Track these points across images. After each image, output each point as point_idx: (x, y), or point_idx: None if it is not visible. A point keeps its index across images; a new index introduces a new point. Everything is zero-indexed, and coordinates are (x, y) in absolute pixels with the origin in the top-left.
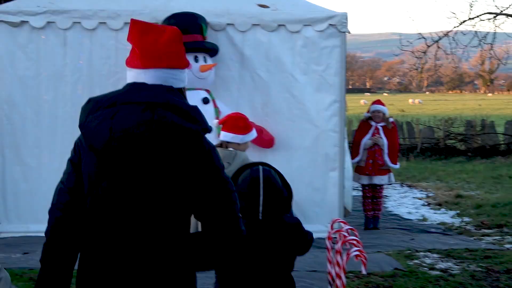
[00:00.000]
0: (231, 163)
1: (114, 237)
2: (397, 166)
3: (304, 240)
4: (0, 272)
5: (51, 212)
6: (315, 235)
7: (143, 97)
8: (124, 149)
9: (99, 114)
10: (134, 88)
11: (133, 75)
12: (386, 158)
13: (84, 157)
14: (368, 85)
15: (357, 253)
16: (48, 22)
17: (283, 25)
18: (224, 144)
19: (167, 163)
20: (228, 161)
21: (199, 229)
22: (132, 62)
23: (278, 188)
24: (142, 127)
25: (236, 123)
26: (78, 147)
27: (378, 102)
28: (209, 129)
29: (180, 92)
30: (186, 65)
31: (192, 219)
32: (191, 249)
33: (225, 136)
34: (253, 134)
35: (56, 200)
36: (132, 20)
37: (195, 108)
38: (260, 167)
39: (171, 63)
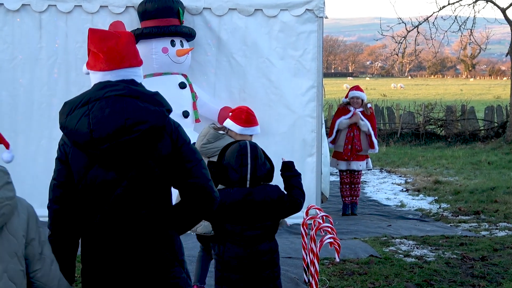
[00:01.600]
0: (212, 142)
1: (106, 217)
2: (376, 150)
3: (286, 207)
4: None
5: (49, 207)
6: (291, 221)
7: (111, 91)
8: (104, 139)
9: (76, 113)
10: (102, 86)
11: (98, 77)
12: (374, 140)
13: (70, 154)
14: (350, 69)
15: (331, 240)
16: (23, 5)
17: (260, 9)
18: (225, 130)
19: (143, 142)
20: (209, 139)
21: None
22: (96, 66)
23: (263, 160)
24: (115, 116)
25: (240, 115)
26: (63, 146)
27: (356, 88)
28: (171, 109)
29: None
30: (141, 62)
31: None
32: (173, 216)
33: (226, 122)
34: (255, 130)
35: (52, 195)
36: (90, 29)
37: (157, 93)
38: (248, 141)
39: (131, 63)
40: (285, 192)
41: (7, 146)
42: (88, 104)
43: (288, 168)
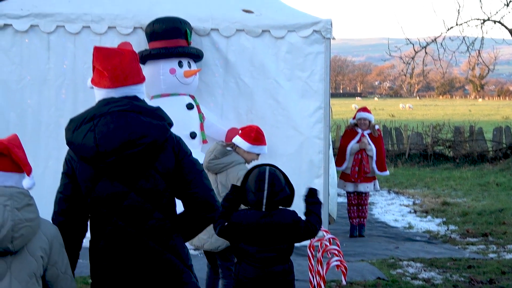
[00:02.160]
0: (219, 158)
1: (115, 228)
2: (387, 173)
3: (301, 232)
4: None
5: (54, 219)
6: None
7: (115, 107)
8: (109, 152)
9: (82, 129)
10: (106, 102)
11: (103, 94)
12: (374, 166)
13: (77, 168)
14: (359, 90)
15: (338, 263)
16: (32, 26)
17: (268, 30)
18: (234, 146)
19: (147, 155)
20: (216, 154)
21: None
22: (100, 83)
23: (282, 186)
24: (120, 131)
25: (250, 132)
26: (69, 161)
27: (364, 109)
28: (172, 123)
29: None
30: (144, 79)
31: None
32: (178, 225)
33: (235, 139)
34: (262, 149)
35: (58, 208)
36: (95, 47)
37: (159, 108)
38: (267, 167)
39: (134, 80)
40: (301, 218)
41: (28, 172)
42: (93, 120)
43: (312, 195)
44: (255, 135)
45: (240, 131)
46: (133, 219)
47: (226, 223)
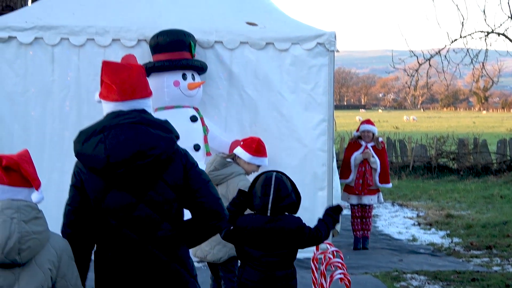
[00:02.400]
0: (219, 169)
1: (125, 239)
2: (390, 185)
3: (304, 238)
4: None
5: (63, 231)
6: (302, 255)
7: (125, 119)
8: (120, 163)
9: (92, 141)
10: (115, 115)
11: (111, 107)
12: (377, 178)
13: (86, 180)
14: (363, 101)
15: (341, 276)
16: (36, 38)
17: (272, 43)
18: (234, 157)
19: (157, 166)
20: (216, 166)
21: None
22: (109, 97)
23: (288, 192)
24: (130, 142)
25: (251, 143)
26: (78, 173)
27: (367, 121)
28: (178, 136)
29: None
30: (151, 93)
31: None
32: (185, 233)
33: (236, 150)
34: (263, 161)
35: (66, 220)
36: (103, 61)
37: (166, 121)
38: (274, 173)
39: (142, 94)
40: (306, 225)
41: (37, 186)
42: (103, 132)
43: (335, 211)
44: (256, 147)
45: (242, 142)
46: (142, 230)
47: (231, 227)
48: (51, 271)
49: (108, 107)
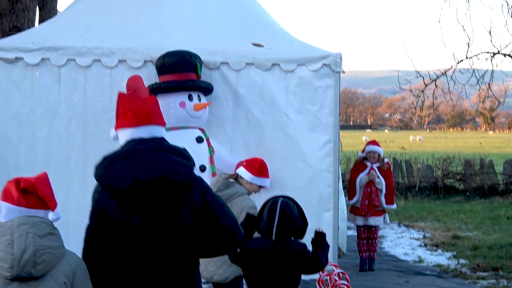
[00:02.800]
0: (222, 190)
1: (147, 263)
2: (394, 206)
3: (307, 263)
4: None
5: (84, 256)
6: (307, 277)
7: (148, 146)
8: (145, 188)
9: (118, 166)
10: (137, 142)
11: (128, 133)
12: (382, 199)
13: (107, 204)
14: (369, 122)
15: None
16: (43, 59)
17: (277, 64)
18: (237, 177)
19: (179, 191)
20: (219, 186)
21: None
22: (124, 123)
23: (293, 217)
24: (155, 167)
25: (254, 164)
26: (99, 198)
27: (373, 142)
28: (195, 164)
29: None
30: (165, 124)
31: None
32: (200, 249)
33: (239, 170)
34: (265, 182)
35: (87, 244)
36: (119, 93)
37: (185, 149)
38: (280, 198)
39: (157, 121)
40: (310, 251)
41: (53, 207)
42: (129, 157)
43: (319, 238)
44: (258, 167)
45: (244, 163)
46: (162, 253)
47: (238, 250)
48: (66, 285)
49: (125, 134)
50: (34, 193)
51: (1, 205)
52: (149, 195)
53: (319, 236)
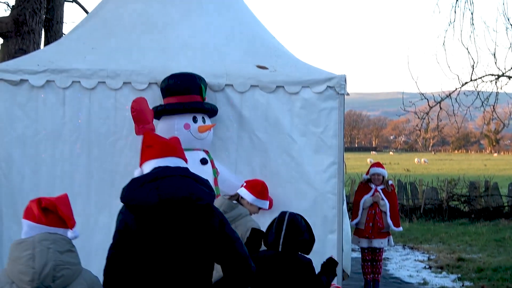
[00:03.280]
0: (228, 212)
1: (160, 283)
2: (400, 229)
3: (312, 280)
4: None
5: (105, 274)
6: None
7: (175, 172)
8: (171, 208)
9: (146, 186)
10: (164, 168)
11: (154, 163)
12: (389, 221)
13: (132, 225)
14: (374, 144)
15: None
16: (48, 81)
17: (282, 86)
18: (238, 198)
19: (200, 215)
20: (225, 209)
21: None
22: (150, 156)
23: (300, 230)
24: (181, 190)
25: (256, 186)
26: (123, 219)
27: (377, 164)
28: (215, 196)
29: None
30: (187, 161)
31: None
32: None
33: (241, 191)
34: (265, 204)
35: (109, 262)
36: (145, 132)
37: (208, 181)
38: (289, 212)
39: (181, 156)
40: (315, 268)
41: (72, 226)
42: (156, 180)
43: (331, 264)
44: (260, 189)
45: (244, 183)
46: (180, 276)
47: None
48: None
49: (151, 164)
50: (54, 212)
51: (23, 223)
52: (172, 214)
53: (331, 263)
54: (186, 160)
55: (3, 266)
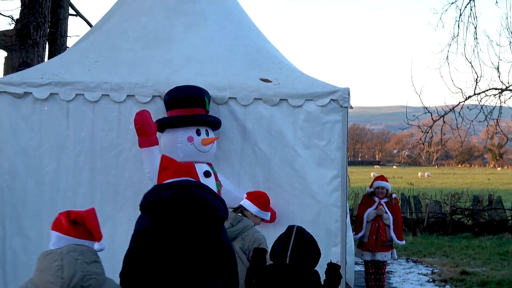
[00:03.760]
0: (234, 225)
1: (170, 282)
2: (403, 242)
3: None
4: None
5: (121, 275)
6: None
7: (193, 183)
8: (189, 213)
9: (167, 191)
10: (181, 181)
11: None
12: (392, 234)
13: (150, 228)
14: (377, 158)
15: None
16: (51, 94)
17: (285, 99)
18: (242, 209)
19: (214, 225)
20: (232, 222)
21: None
22: (166, 177)
23: (307, 242)
24: (199, 198)
25: (259, 197)
26: (140, 222)
27: (381, 178)
28: (227, 216)
29: None
30: (199, 179)
31: None
32: None
33: (245, 202)
34: (267, 215)
35: (126, 264)
36: (163, 156)
37: (223, 200)
38: (297, 225)
39: (195, 177)
40: (321, 281)
41: (99, 239)
42: (176, 187)
43: (334, 269)
44: (264, 201)
45: (246, 195)
46: (190, 279)
47: (254, 281)
48: None
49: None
50: (82, 225)
51: (51, 234)
52: (190, 222)
53: (334, 268)
54: (199, 179)
55: (6, 277)
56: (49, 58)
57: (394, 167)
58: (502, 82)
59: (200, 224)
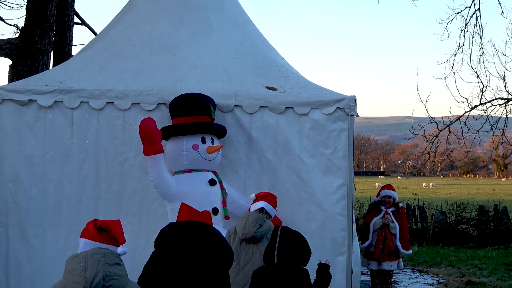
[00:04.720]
0: (262, 225)
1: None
2: (410, 252)
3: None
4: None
5: (141, 279)
6: None
7: (207, 224)
8: (194, 245)
9: (182, 223)
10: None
11: None
12: (398, 243)
13: (164, 265)
14: (382, 168)
15: None
16: (56, 101)
17: (291, 107)
18: (264, 211)
19: (215, 266)
20: (260, 223)
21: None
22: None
23: (294, 240)
24: (215, 231)
25: (274, 200)
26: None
27: (388, 187)
28: (232, 261)
29: None
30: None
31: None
32: None
33: (266, 205)
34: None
35: (146, 269)
36: (182, 203)
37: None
38: (283, 226)
39: (209, 221)
40: (311, 280)
41: (122, 243)
42: (191, 223)
43: (324, 269)
44: (275, 201)
45: (255, 197)
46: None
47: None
48: None
49: None
50: (108, 231)
51: (80, 241)
52: (194, 261)
53: (323, 268)
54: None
55: (10, 284)
56: (53, 66)
57: (399, 177)
58: (508, 92)
59: (213, 255)
